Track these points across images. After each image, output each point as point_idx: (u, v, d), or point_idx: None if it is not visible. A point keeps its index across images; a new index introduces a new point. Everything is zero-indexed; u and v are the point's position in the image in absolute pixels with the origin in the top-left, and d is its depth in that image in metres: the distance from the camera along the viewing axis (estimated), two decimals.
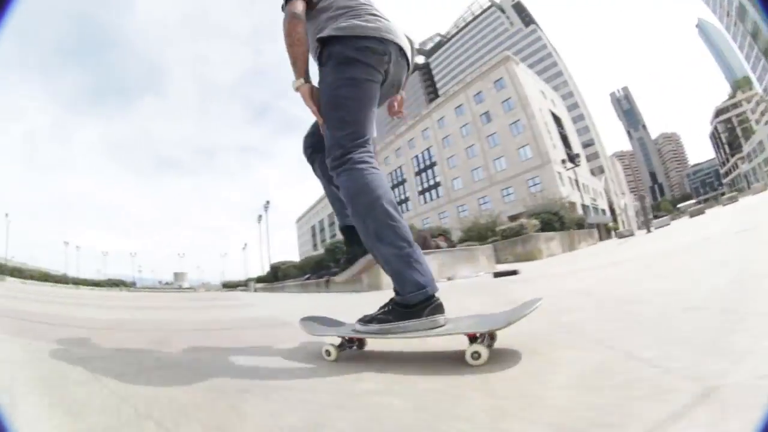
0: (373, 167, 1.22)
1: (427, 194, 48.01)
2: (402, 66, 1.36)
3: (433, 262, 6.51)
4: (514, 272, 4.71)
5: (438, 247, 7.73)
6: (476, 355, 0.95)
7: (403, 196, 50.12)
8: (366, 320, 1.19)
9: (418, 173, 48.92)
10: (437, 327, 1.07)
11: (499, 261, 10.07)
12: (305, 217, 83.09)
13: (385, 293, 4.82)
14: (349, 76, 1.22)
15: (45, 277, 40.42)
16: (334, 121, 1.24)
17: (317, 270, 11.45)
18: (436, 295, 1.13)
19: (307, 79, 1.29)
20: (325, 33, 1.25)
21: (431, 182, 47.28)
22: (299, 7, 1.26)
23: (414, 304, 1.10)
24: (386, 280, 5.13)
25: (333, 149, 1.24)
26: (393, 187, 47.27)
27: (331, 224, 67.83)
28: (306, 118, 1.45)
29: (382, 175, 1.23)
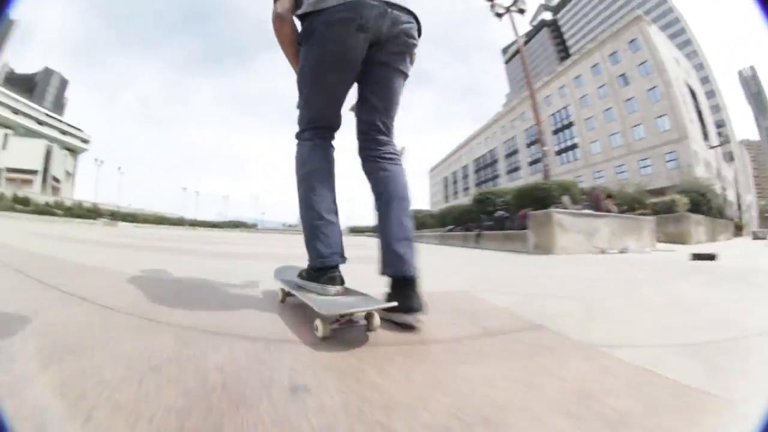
0: (315, 144, 1.30)
1: (564, 155, 44.16)
2: (394, 15, 1.20)
3: (604, 228, 5.96)
4: (711, 257, 4.01)
5: (609, 210, 6.93)
6: (315, 327, 1.01)
7: (539, 154, 47.30)
8: (298, 273, 1.33)
9: (556, 132, 45.14)
10: (326, 295, 1.15)
11: None
12: (439, 168, 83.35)
13: (559, 258, 4.62)
14: (313, 54, 1.21)
15: (160, 221, 42.07)
16: (301, 100, 1.31)
17: (462, 222, 10.16)
18: (340, 267, 1.23)
19: None
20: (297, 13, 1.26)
21: (568, 143, 43.46)
22: (283, 5, 1.25)
23: (316, 269, 1.21)
24: (559, 243, 5.18)
25: (298, 125, 1.34)
26: (530, 144, 47.85)
27: (465, 177, 67.53)
28: None
29: (323, 151, 1.31)
